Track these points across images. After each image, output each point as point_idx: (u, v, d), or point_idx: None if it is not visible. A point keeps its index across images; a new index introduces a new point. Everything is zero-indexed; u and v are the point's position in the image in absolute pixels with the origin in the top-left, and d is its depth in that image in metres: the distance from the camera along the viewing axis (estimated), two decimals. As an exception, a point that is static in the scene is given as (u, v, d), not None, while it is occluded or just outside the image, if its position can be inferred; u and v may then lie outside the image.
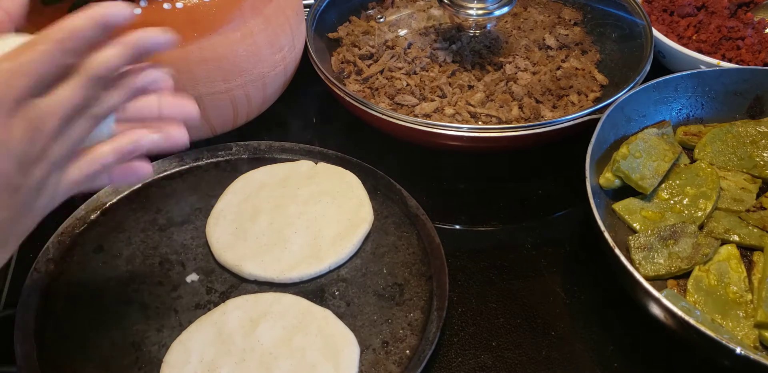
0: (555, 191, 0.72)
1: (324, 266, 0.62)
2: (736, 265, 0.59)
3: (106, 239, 0.65)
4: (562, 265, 0.65)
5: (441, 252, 0.62)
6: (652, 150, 0.66)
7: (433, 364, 0.57)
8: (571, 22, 0.84)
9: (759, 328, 0.55)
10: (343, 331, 0.57)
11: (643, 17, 0.78)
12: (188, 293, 0.61)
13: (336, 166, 0.70)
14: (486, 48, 0.79)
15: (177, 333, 0.57)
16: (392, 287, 0.61)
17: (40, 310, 0.59)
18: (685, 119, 0.73)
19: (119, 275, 0.62)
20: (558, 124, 0.65)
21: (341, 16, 0.85)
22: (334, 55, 0.81)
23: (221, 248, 0.63)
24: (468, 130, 0.65)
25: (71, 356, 0.56)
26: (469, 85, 0.75)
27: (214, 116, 0.68)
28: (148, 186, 0.70)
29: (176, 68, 0.61)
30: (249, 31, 0.64)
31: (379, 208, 0.67)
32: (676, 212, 0.64)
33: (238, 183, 0.69)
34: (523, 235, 0.68)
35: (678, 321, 0.50)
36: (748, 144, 0.69)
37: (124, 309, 0.59)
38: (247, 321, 0.57)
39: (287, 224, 0.65)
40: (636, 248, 0.60)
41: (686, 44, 0.80)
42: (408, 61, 0.78)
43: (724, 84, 0.71)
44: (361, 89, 0.76)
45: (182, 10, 0.61)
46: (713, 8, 0.85)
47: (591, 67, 0.78)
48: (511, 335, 0.60)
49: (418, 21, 0.84)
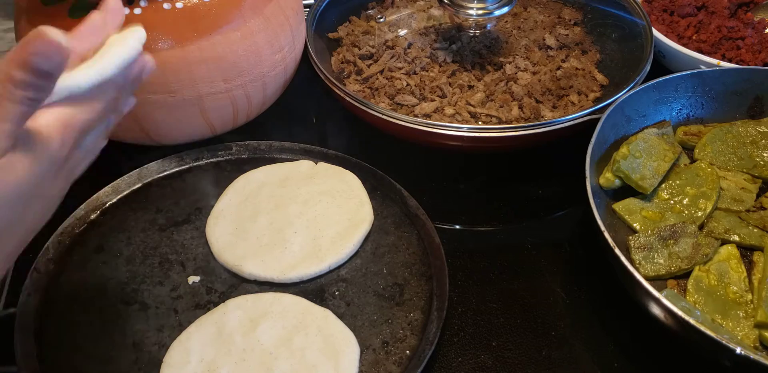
0: (555, 191, 0.72)
1: (324, 266, 0.62)
2: (736, 265, 0.59)
3: (106, 239, 0.65)
4: (562, 265, 0.65)
5: (441, 252, 0.62)
6: (652, 150, 0.66)
7: (433, 364, 0.57)
8: (571, 22, 0.84)
9: (759, 328, 0.55)
10: (343, 331, 0.57)
11: (643, 17, 0.78)
12: (188, 293, 0.61)
13: (336, 166, 0.70)
14: (486, 48, 0.79)
15: (177, 333, 0.57)
16: (392, 287, 0.61)
17: (40, 310, 0.59)
18: (685, 119, 0.73)
19: (119, 275, 0.62)
20: (558, 124, 0.65)
21: (341, 16, 0.85)
22: (334, 55, 0.81)
23: (221, 248, 0.63)
24: (468, 130, 0.65)
25: (71, 356, 0.56)
26: (469, 85, 0.75)
27: (214, 116, 0.68)
28: (148, 186, 0.70)
29: (176, 68, 0.62)
30: (249, 31, 0.64)
31: (379, 208, 0.67)
32: (676, 212, 0.64)
33: (238, 183, 0.69)
34: (523, 235, 0.68)
35: (678, 321, 0.50)
36: (748, 144, 0.69)
37: (124, 309, 0.59)
38: (247, 321, 0.57)
39: (287, 224, 0.65)
40: (636, 248, 0.60)
41: (686, 44, 0.80)
42: (408, 61, 0.78)
43: (724, 84, 0.71)
44: (361, 89, 0.76)
45: (182, 10, 0.61)
46: (713, 8, 0.85)
47: (591, 67, 0.78)
48: (511, 335, 0.60)
49: (418, 21, 0.84)
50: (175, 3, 0.60)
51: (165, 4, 0.60)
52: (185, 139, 0.72)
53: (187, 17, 0.61)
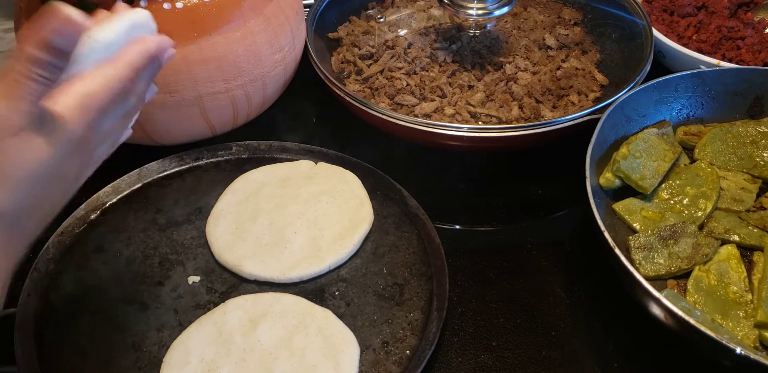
0: (555, 191, 0.72)
1: (324, 266, 0.62)
2: (736, 265, 0.59)
3: (106, 239, 0.65)
4: (562, 265, 0.65)
5: (441, 252, 0.62)
6: (652, 150, 0.66)
7: (433, 364, 0.57)
8: (571, 22, 0.84)
9: (759, 328, 0.55)
10: (343, 331, 0.57)
11: (643, 17, 0.78)
12: (188, 293, 0.61)
13: (336, 166, 0.70)
14: (486, 48, 0.79)
15: (177, 333, 0.57)
16: (392, 287, 0.61)
17: (40, 310, 0.59)
18: (685, 119, 0.73)
19: (119, 275, 0.62)
20: (558, 124, 0.65)
21: (341, 16, 0.85)
22: (334, 55, 0.81)
23: (221, 248, 0.63)
24: (468, 130, 0.65)
25: (71, 356, 0.56)
26: (469, 85, 0.75)
27: (214, 116, 0.68)
28: (148, 186, 0.70)
29: (176, 68, 0.62)
30: (249, 31, 0.64)
31: (379, 208, 0.67)
32: (676, 212, 0.64)
33: (238, 183, 0.69)
34: (523, 235, 0.68)
35: (678, 321, 0.50)
36: (748, 144, 0.69)
37: (124, 309, 0.59)
38: (247, 321, 0.57)
39: (287, 224, 0.65)
40: (636, 248, 0.60)
41: (686, 44, 0.80)
42: (408, 61, 0.78)
43: (724, 84, 0.71)
44: (361, 89, 0.76)
45: (182, 10, 0.61)
46: (713, 8, 0.85)
47: (591, 67, 0.78)
48: (511, 335, 0.60)
49: (418, 21, 0.84)
50: (175, 3, 0.60)
51: (165, 4, 0.60)
52: (185, 139, 0.72)
53: (187, 17, 0.61)
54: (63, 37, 0.34)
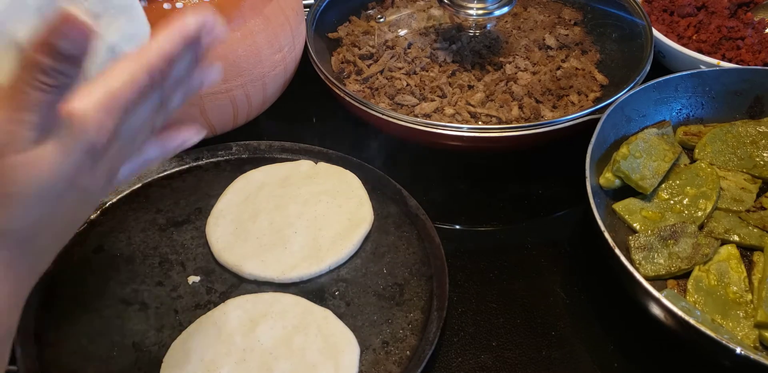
0: (555, 191, 0.72)
1: (324, 266, 0.62)
2: (736, 265, 0.59)
3: (106, 239, 0.65)
4: (562, 265, 0.65)
5: (441, 252, 0.62)
6: (652, 150, 0.66)
7: (433, 364, 0.57)
8: (571, 22, 0.84)
9: (759, 328, 0.55)
10: (343, 331, 0.57)
11: (643, 17, 0.78)
12: (188, 293, 0.61)
13: (336, 166, 0.70)
14: (486, 48, 0.79)
15: (177, 333, 0.57)
16: (392, 287, 0.61)
17: (40, 310, 0.59)
18: (685, 119, 0.73)
19: (119, 275, 0.62)
20: (558, 124, 0.65)
21: (341, 16, 0.85)
22: (334, 55, 0.81)
23: (221, 248, 0.63)
24: (468, 130, 0.65)
25: (71, 356, 0.56)
26: (469, 85, 0.75)
27: (214, 116, 0.68)
28: (148, 186, 0.70)
29: (176, 68, 0.62)
30: (249, 31, 0.64)
31: (379, 208, 0.67)
32: (676, 212, 0.64)
33: (238, 183, 0.69)
34: (523, 235, 0.68)
35: (678, 321, 0.50)
36: (748, 144, 0.69)
37: (124, 309, 0.59)
38: (247, 321, 0.57)
39: (287, 224, 0.65)
40: (636, 248, 0.60)
41: (686, 44, 0.80)
42: (408, 61, 0.78)
43: (724, 84, 0.71)
44: (361, 89, 0.76)
45: (182, 10, 0.60)
46: (713, 8, 0.85)
47: (591, 67, 0.78)
48: (511, 335, 0.60)
49: (418, 21, 0.84)
50: (175, 3, 0.60)
51: (165, 4, 0.60)
52: (185, 139, 0.72)
53: (187, 17, 0.61)
54: (71, 41, 0.30)
